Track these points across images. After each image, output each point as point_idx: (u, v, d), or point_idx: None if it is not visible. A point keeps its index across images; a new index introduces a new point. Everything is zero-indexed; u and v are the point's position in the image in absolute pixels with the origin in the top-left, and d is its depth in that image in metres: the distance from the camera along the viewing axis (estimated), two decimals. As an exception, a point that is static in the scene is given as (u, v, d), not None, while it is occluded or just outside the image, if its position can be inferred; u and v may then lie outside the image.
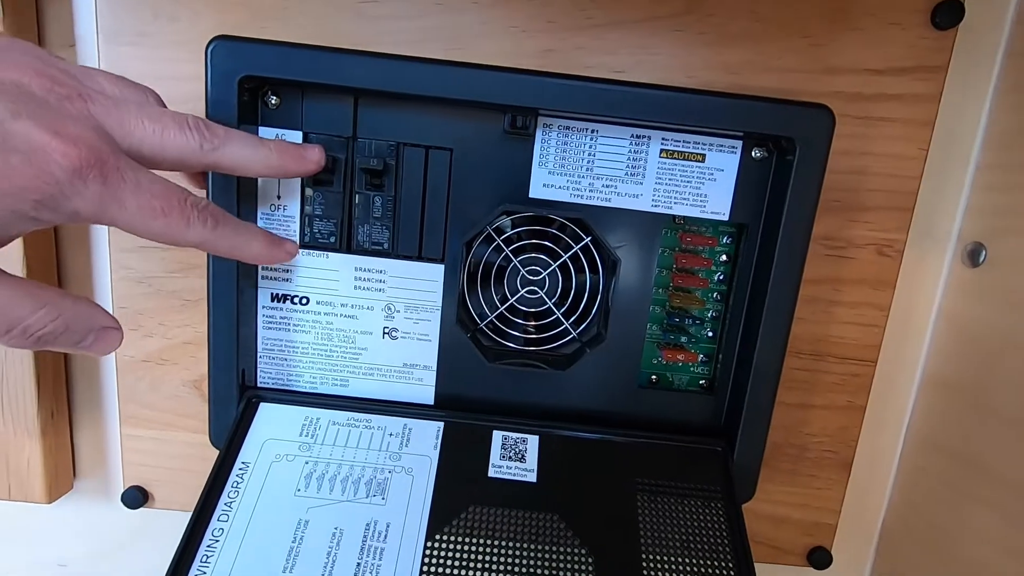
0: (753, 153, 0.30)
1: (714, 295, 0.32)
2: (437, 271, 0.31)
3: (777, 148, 0.29)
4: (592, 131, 0.30)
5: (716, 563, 0.27)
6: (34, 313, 0.19)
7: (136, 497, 0.36)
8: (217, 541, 0.26)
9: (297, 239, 0.30)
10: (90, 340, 0.21)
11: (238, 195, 0.28)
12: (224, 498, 0.27)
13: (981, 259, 0.33)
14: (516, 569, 0.26)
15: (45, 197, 0.18)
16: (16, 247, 0.31)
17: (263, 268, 0.31)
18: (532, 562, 0.27)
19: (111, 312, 0.33)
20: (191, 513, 0.27)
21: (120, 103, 0.21)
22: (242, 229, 0.25)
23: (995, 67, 0.32)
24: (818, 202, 0.28)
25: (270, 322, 0.32)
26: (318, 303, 0.31)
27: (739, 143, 0.30)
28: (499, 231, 0.31)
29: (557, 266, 0.31)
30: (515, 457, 0.30)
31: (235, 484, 0.28)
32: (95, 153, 0.19)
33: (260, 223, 0.30)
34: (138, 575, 0.39)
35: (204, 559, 0.26)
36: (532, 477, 0.30)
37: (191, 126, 0.23)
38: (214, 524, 0.27)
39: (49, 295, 0.20)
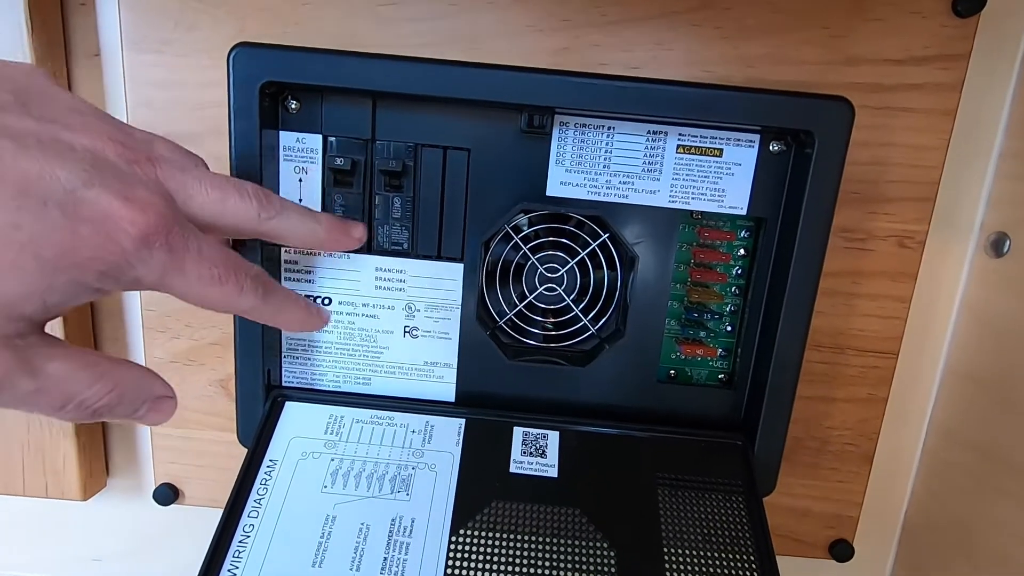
0: (771, 147, 0.30)
1: (732, 289, 0.32)
2: (456, 270, 0.31)
3: (796, 141, 0.29)
4: (609, 128, 0.30)
5: (738, 556, 0.28)
6: (91, 387, 0.19)
7: (167, 494, 0.37)
8: (248, 537, 0.27)
9: (318, 241, 0.31)
10: (143, 411, 0.21)
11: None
12: (254, 495, 0.28)
13: (1005, 249, 0.32)
14: (539, 563, 0.27)
15: (110, 267, 0.18)
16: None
17: (285, 269, 0.31)
18: (555, 556, 0.27)
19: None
20: (222, 509, 0.27)
21: (184, 168, 0.21)
22: (285, 298, 0.25)
23: (1018, 54, 0.32)
24: (838, 195, 0.28)
25: (294, 322, 0.32)
26: (340, 303, 0.32)
27: (757, 137, 0.30)
28: (517, 229, 0.32)
29: (575, 263, 0.32)
30: (536, 453, 0.31)
31: (264, 481, 0.29)
32: (163, 220, 0.19)
33: (282, 225, 0.31)
34: (170, 570, 0.40)
35: (236, 554, 0.26)
36: (553, 472, 0.30)
37: (251, 195, 0.23)
38: (245, 520, 0.27)
39: (105, 366, 0.20)
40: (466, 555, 0.27)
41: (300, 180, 0.30)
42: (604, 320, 0.32)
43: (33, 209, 0.17)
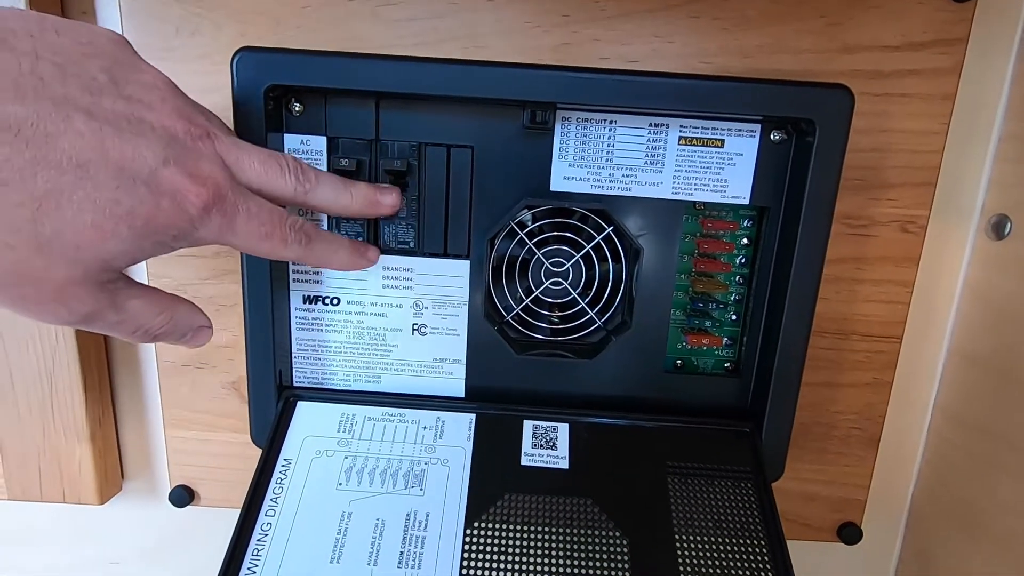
0: (772, 136, 0.30)
1: (737, 279, 0.33)
2: (463, 267, 0.32)
3: (796, 130, 0.29)
4: (610, 122, 0.30)
5: (749, 542, 0.28)
6: (155, 318, 0.24)
7: (183, 496, 0.37)
8: (266, 536, 0.27)
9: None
10: (188, 336, 0.26)
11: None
12: (270, 494, 0.29)
13: (1006, 231, 0.32)
14: (553, 554, 0.27)
15: (181, 231, 0.22)
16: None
17: (294, 271, 0.32)
18: (568, 546, 0.27)
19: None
20: (239, 510, 0.28)
21: (238, 143, 0.25)
22: (332, 242, 0.28)
23: (1016, 37, 0.32)
24: (839, 182, 0.28)
25: (303, 323, 0.33)
26: (348, 303, 0.32)
27: (758, 127, 0.30)
28: (521, 225, 0.32)
29: (580, 257, 0.32)
30: (547, 445, 0.31)
31: (279, 481, 0.29)
32: (219, 191, 0.23)
33: (289, 227, 0.31)
34: (188, 571, 0.41)
35: (255, 553, 0.27)
36: (564, 464, 0.30)
37: (290, 171, 0.26)
38: (262, 519, 0.28)
39: (166, 302, 0.24)
40: (481, 547, 0.27)
41: (306, 182, 0.31)
42: (610, 312, 0.33)
43: (128, 187, 0.20)
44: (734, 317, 0.33)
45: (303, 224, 0.26)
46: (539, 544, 0.27)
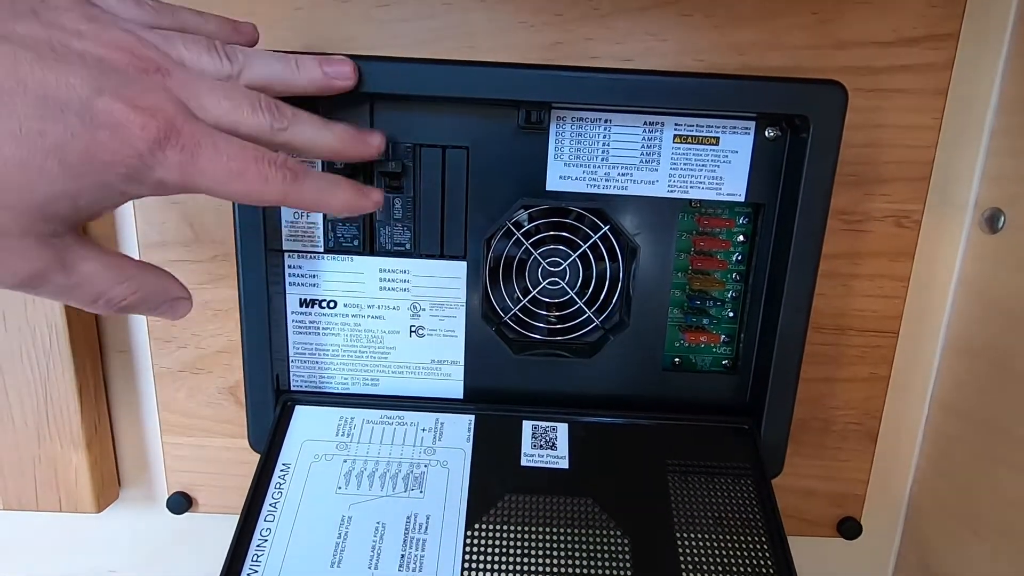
0: (767, 133, 0.30)
1: (733, 276, 0.33)
2: (459, 268, 0.32)
3: (791, 127, 0.30)
4: (605, 121, 0.30)
5: (749, 538, 0.28)
6: (117, 287, 0.21)
7: (180, 502, 0.37)
8: (266, 541, 0.27)
9: (321, 245, 0.31)
10: (164, 308, 0.23)
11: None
12: (269, 499, 0.28)
13: (1000, 225, 0.33)
14: (554, 554, 0.27)
15: (131, 170, 0.19)
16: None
17: (289, 273, 0.32)
18: (569, 546, 0.27)
19: (151, 317, 0.35)
20: (238, 515, 0.27)
21: (197, 77, 0.22)
22: (325, 180, 0.25)
23: (1007, 30, 0.32)
24: (834, 178, 0.28)
25: (300, 327, 0.32)
26: (345, 306, 0.32)
27: (752, 124, 0.30)
28: (518, 225, 0.32)
29: (577, 256, 0.32)
30: (546, 445, 0.31)
31: (278, 485, 0.29)
32: (170, 122, 0.20)
33: (284, 230, 0.31)
34: (187, 577, 0.41)
35: (255, 559, 0.27)
36: (564, 464, 0.30)
37: (263, 107, 0.23)
38: (261, 524, 0.28)
39: (131, 270, 0.22)
40: (482, 549, 0.27)
41: (300, 185, 0.30)
42: (608, 311, 0.33)
43: (54, 117, 0.18)
44: (731, 314, 0.33)
45: (286, 160, 0.22)
46: (540, 544, 0.27)
